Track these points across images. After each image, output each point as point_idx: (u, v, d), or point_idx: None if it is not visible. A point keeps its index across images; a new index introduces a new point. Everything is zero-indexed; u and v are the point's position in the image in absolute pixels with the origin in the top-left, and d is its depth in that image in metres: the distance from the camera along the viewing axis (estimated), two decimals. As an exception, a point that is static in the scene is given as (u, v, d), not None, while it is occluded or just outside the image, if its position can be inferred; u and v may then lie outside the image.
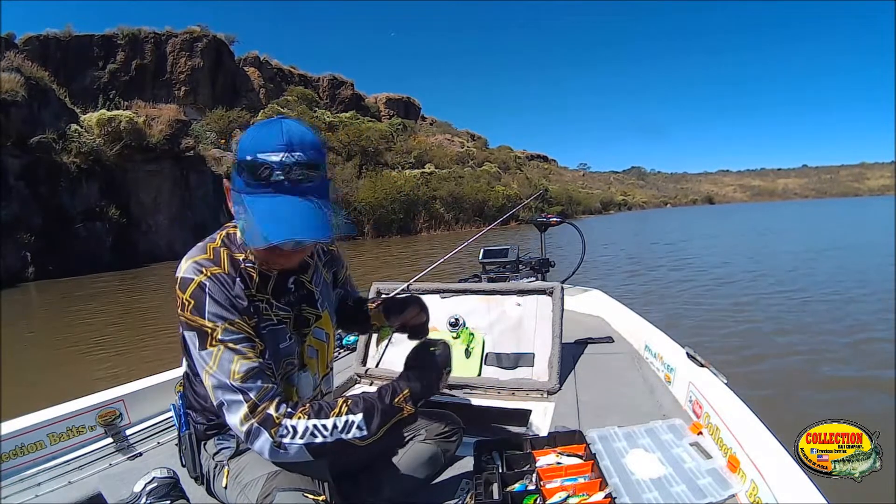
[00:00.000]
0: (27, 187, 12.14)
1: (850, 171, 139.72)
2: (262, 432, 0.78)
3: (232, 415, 0.79)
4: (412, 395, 0.87)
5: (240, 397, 0.79)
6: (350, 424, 0.81)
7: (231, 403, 0.79)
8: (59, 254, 12.07)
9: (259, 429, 0.78)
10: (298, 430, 0.78)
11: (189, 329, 0.81)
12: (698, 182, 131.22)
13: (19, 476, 1.19)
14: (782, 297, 6.23)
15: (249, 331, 0.83)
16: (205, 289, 0.80)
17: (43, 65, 15.72)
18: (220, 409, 0.81)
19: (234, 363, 0.79)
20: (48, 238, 12.06)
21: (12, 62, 13.00)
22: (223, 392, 0.80)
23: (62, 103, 13.93)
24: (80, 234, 12.89)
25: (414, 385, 0.88)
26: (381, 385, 0.89)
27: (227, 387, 0.79)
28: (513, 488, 0.95)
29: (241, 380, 0.79)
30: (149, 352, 4.92)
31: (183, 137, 16.07)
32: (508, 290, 1.79)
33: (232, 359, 0.79)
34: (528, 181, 35.80)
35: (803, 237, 15.16)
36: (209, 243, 0.87)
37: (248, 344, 0.82)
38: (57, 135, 12.79)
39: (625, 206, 65.19)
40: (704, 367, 1.35)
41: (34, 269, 11.60)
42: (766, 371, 3.67)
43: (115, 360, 4.74)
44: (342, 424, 0.80)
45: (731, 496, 0.94)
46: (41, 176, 12.39)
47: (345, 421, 0.80)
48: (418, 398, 0.88)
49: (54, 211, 12.47)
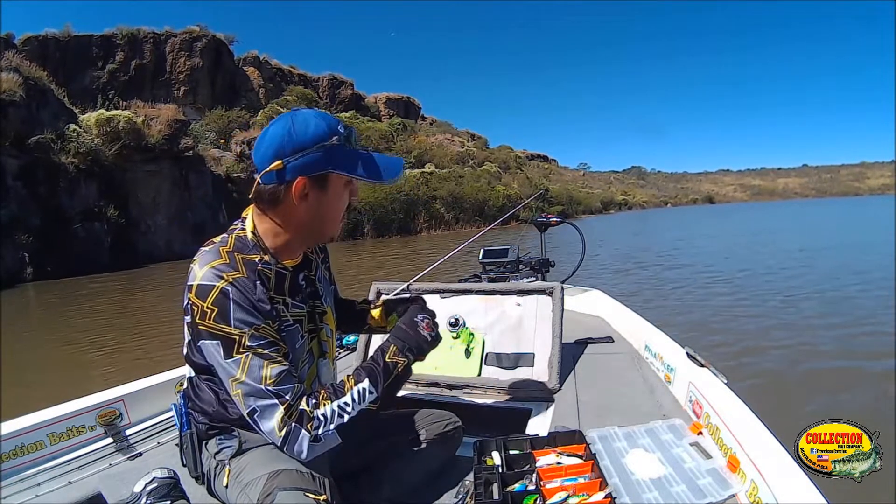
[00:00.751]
0: (25, 188, 12.09)
1: (850, 170, 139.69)
2: (300, 431, 0.79)
3: (267, 420, 0.79)
4: (401, 350, 0.94)
5: (275, 401, 0.79)
6: (364, 391, 0.86)
7: (265, 409, 0.79)
8: (58, 254, 12.02)
9: (297, 428, 0.79)
10: (328, 416, 0.81)
11: (212, 338, 0.80)
12: (698, 182, 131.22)
13: (19, 476, 1.19)
14: (776, 292, 6.27)
15: (274, 334, 0.84)
16: (228, 295, 0.80)
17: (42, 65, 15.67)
18: (252, 416, 0.81)
19: (265, 368, 0.80)
20: (46, 238, 12.02)
21: (11, 62, 12.96)
22: (256, 399, 0.80)
23: (61, 103, 13.89)
24: (78, 234, 12.85)
25: (395, 340, 0.96)
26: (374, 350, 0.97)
27: (260, 392, 0.79)
28: (513, 488, 0.95)
29: (275, 384, 0.79)
30: (146, 352, 4.91)
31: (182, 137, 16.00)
32: (508, 290, 1.79)
33: (262, 364, 0.80)
34: (528, 181, 35.80)
35: (803, 236, 15.19)
36: (221, 247, 0.86)
37: (274, 348, 0.82)
38: (55, 135, 12.73)
39: (625, 206, 65.17)
40: (704, 367, 1.35)
41: (32, 269, 11.55)
42: (758, 364, 3.69)
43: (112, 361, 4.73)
44: (358, 395, 0.85)
45: (731, 496, 0.94)
46: (39, 176, 12.34)
47: (358, 391, 0.86)
48: (406, 348, 0.95)
49: (53, 211, 12.42)
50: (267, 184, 0.85)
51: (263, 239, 0.90)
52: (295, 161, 0.83)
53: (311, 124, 0.85)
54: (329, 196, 0.88)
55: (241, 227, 0.91)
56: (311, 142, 0.83)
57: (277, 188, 0.85)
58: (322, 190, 0.87)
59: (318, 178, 0.86)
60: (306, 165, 0.84)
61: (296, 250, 0.94)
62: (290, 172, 0.84)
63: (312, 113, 0.87)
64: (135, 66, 21.80)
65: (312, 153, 0.83)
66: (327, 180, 0.87)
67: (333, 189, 0.88)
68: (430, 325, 1.00)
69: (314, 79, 29.92)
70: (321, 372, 0.99)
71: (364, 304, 1.23)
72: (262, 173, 0.85)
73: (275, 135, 0.84)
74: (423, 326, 0.99)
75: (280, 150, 0.83)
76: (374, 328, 1.22)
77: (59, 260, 11.99)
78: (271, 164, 0.84)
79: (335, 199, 0.90)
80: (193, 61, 22.72)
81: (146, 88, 21.25)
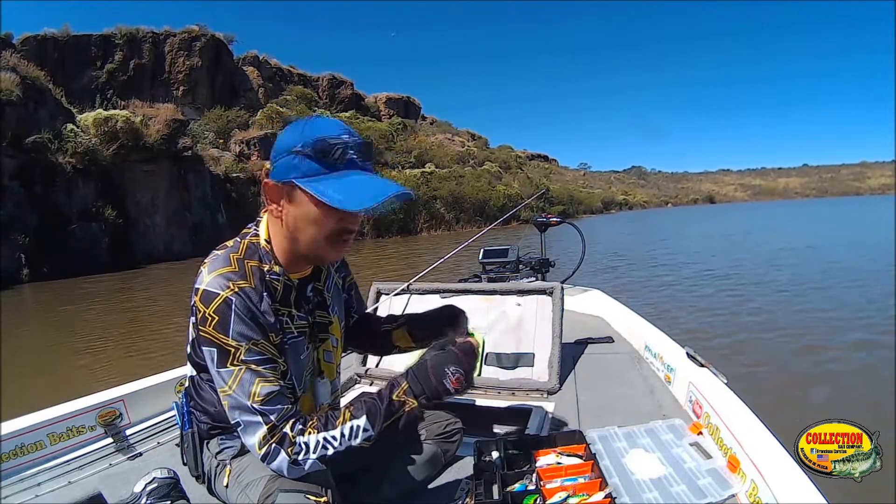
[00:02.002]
0: (22, 187, 11.92)
1: (850, 170, 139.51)
2: (279, 452, 0.78)
3: (249, 436, 0.79)
4: (412, 390, 0.85)
5: (259, 419, 0.78)
6: (357, 429, 0.81)
7: (249, 425, 0.79)
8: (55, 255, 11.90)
9: (277, 448, 0.78)
10: (311, 446, 0.79)
11: (209, 345, 0.80)
12: (699, 181, 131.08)
13: (19, 476, 1.19)
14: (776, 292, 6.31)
15: (273, 351, 0.82)
16: (231, 305, 0.78)
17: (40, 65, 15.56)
18: (237, 428, 0.81)
19: (255, 385, 0.78)
20: (43, 239, 11.87)
21: (8, 61, 12.87)
22: (241, 413, 0.79)
23: (58, 103, 13.77)
24: (75, 234, 12.70)
25: (412, 380, 0.86)
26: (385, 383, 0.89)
27: (246, 408, 0.78)
28: (513, 488, 0.95)
29: (262, 402, 0.78)
30: (144, 356, 4.87)
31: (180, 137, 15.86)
32: (508, 290, 1.79)
33: (253, 380, 0.79)
34: (529, 181, 35.74)
35: (805, 235, 15.21)
36: (232, 254, 0.84)
37: (270, 366, 0.81)
38: (53, 135, 12.61)
39: (626, 206, 65.17)
40: (704, 367, 1.35)
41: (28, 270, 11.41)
42: (757, 364, 3.71)
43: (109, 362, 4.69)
44: (349, 431, 0.81)
45: (731, 496, 0.94)
46: (36, 176, 12.19)
47: (350, 427, 0.81)
48: (421, 393, 0.85)
49: (50, 211, 12.27)
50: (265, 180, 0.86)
51: (275, 246, 0.88)
52: (275, 163, 0.82)
53: (297, 129, 0.82)
54: (298, 210, 0.81)
55: (255, 231, 0.89)
56: (287, 146, 0.81)
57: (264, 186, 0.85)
58: (291, 202, 0.82)
59: (285, 186, 0.81)
60: (278, 169, 0.82)
61: (299, 263, 0.90)
62: (272, 173, 0.83)
63: (322, 120, 0.83)
64: (134, 65, 21.70)
65: (284, 157, 0.81)
66: (294, 191, 0.81)
67: (301, 204, 0.81)
68: (460, 380, 0.86)
69: (314, 78, 29.86)
70: (318, 390, 0.96)
71: (389, 323, 1.14)
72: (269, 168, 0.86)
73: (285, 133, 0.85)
74: (452, 381, 0.86)
75: (276, 149, 0.83)
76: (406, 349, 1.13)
77: (56, 261, 11.84)
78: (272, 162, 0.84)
79: (303, 216, 0.81)
80: (192, 61, 22.64)
81: (145, 88, 21.14)
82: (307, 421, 0.81)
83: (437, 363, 0.88)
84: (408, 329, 1.11)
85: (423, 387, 0.86)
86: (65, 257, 12.09)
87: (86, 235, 12.99)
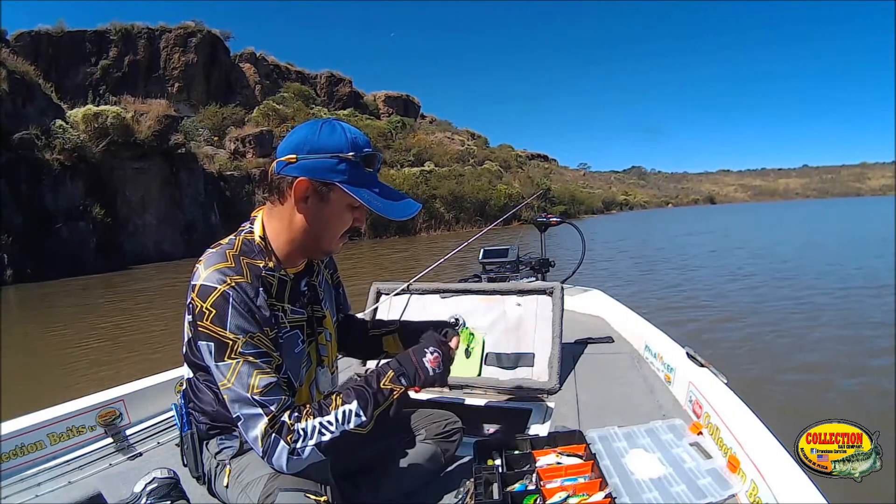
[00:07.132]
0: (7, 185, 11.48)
1: (851, 170, 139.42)
2: (279, 442, 0.79)
3: (251, 429, 0.80)
4: (395, 373, 0.89)
5: (259, 411, 0.79)
6: (349, 413, 0.83)
7: (250, 417, 0.80)
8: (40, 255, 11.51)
9: (277, 438, 0.79)
10: (308, 431, 0.80)
11: (207, 339, 0.81)
12: (699, 182, 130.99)
13: (19, 476, 1.19)
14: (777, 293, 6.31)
15: (269, 345, 0.84)
16: (228, 299, 0.80)
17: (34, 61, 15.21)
18: (238, 423, 0.81)
19: (253, 377, 0.80)
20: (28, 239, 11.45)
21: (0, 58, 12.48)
22: (241, 406, 0.80)
23: (48, 99, 13.34)
24: (62, 234, 12.26)
25: (395, 365, 0.91)
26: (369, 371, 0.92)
27: (246, 400, 0.79)
28: (513, 488, 0.95)
29: (261, 394, 0.80)
30: (140, 356, 4.81)
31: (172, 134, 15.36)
32: (508, 290, 1.79)
33: (251, 372, 0.80)
34: (530, 180, 35.70)
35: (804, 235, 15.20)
36: (228, 250, 0.86)
37: (266, 359, 0.82)
38: (40, 131, 12.21)
39: (626, 206, 65.15)
40: (704, 367, 1.35)
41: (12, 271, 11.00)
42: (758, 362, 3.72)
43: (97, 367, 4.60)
44: (342, 416, 0.82)
45: (731, 496, 0.94)
46: (22, 174, 11.78)
47: (343, 412, 0.83)
48: (402, 374, 0.90)
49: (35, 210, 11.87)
50: (277, 173, 0.87)
51: (271, 241, 0.90)
52: (307, 160, 0.84)
53: (337, 132, 0.85)
54: (328, 209, 0.87)
55: (250, 229, 0.91)
56: (329, 148, 0.84)
57: (283, 180, 0.86)
58: (322, 201, 0.86)
59: (321, 187, 0.85)
60: (314, 168, 0.84)
61: (297, 258, 0.93)
62: (299, 169, 0.84)
63: (348, 126, 0.87)
64: (128, 61, 21.27)
65: (325, 159, 0.83)
66: (330, 192, 0.85)
67: (334, 204, 0.86)
68: (438, 359, 0.93)
69: (312, 76, 29.71)
70: (319, 380, 0.98)
71: (379, 329, 1.16)
72: (277, 160, 0.87)
73: (302, 130, 0.86)
74: (430, 360, 0.93)
75: (299, 145, 0.85)
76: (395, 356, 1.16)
77: (41, 261, 11.43)
78: (287, 156, 0.85)
79: (333, 215, 0.88)
80: (188, 57, 22.31)
81: (140, 84, 20.75)
82: (303, 409, 0.82)
83: (418, 347, 0.96)
84: (398, 336, 1.13)
85: (404, 368, 0.91)
86: (50, 258, 11.68)
87: (72, 235, 12.54)
